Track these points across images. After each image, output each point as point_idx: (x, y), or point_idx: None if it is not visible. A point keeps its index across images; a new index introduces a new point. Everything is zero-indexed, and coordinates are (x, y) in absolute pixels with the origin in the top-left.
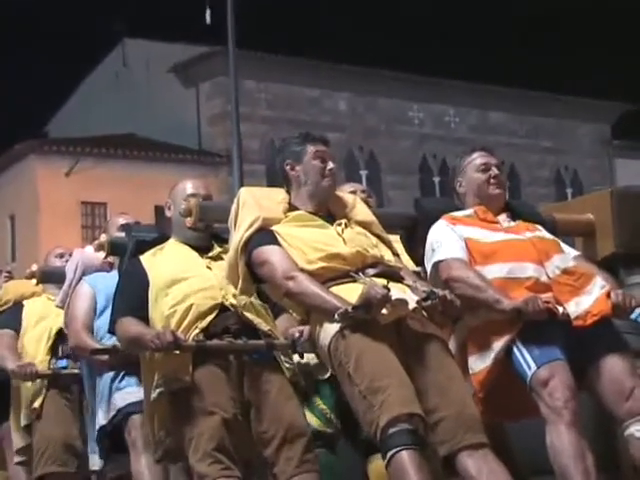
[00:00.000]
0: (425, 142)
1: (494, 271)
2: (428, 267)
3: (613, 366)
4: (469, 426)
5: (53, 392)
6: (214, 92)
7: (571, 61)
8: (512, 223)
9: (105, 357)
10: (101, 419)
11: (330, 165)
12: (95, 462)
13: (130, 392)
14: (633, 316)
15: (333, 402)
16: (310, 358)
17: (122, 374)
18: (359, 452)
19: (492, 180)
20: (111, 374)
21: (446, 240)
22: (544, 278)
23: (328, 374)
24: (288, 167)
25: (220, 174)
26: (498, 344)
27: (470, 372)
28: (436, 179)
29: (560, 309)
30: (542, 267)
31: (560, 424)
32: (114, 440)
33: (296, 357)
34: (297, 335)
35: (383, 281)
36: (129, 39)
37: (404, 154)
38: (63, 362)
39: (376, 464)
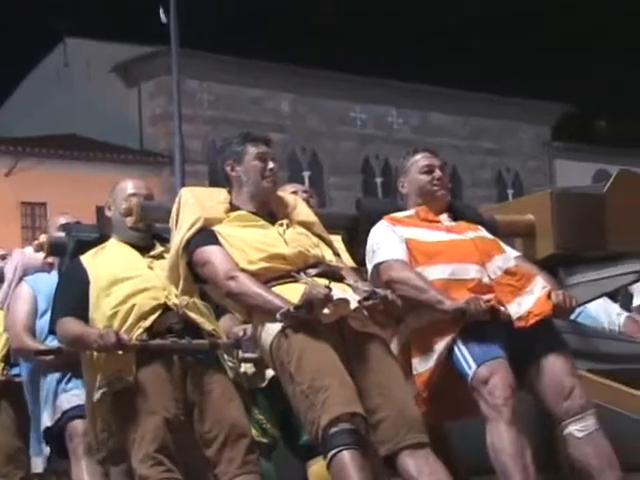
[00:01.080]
0: (367, 143)
1: (436, 272)
2: (369, 268)
3: (553, 366)
4: (410, 426)
5: (4, 400)
6: (156, 92)
7: (512, 63)
8: (453, 223)
9: (49, 358)
10: (46, 421)
11: (270, 165)
12: (38, 465)
13: (76, 394)
14: (573, 316)
15: (270, 412)
16: (247, 367)
17: (69, 376)
18: (298, 457)
19: (435, 182)
20: (57, 375)
21: (386, 241)
22: (486, 279)
23: (265, 383)
24: (229, 167)
25: (162, 174)
26: (440, 345)
27: (414, 372)
28: (378, 180)
29: (502, 309)
30: (484, 268)
31: (500, 422)
32: (58, 443)
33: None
34: (241, 334)
35: (325, 281)
36: (70, 38)
37: (346, 155)
38: (16, 370)
39: (315, 468)
